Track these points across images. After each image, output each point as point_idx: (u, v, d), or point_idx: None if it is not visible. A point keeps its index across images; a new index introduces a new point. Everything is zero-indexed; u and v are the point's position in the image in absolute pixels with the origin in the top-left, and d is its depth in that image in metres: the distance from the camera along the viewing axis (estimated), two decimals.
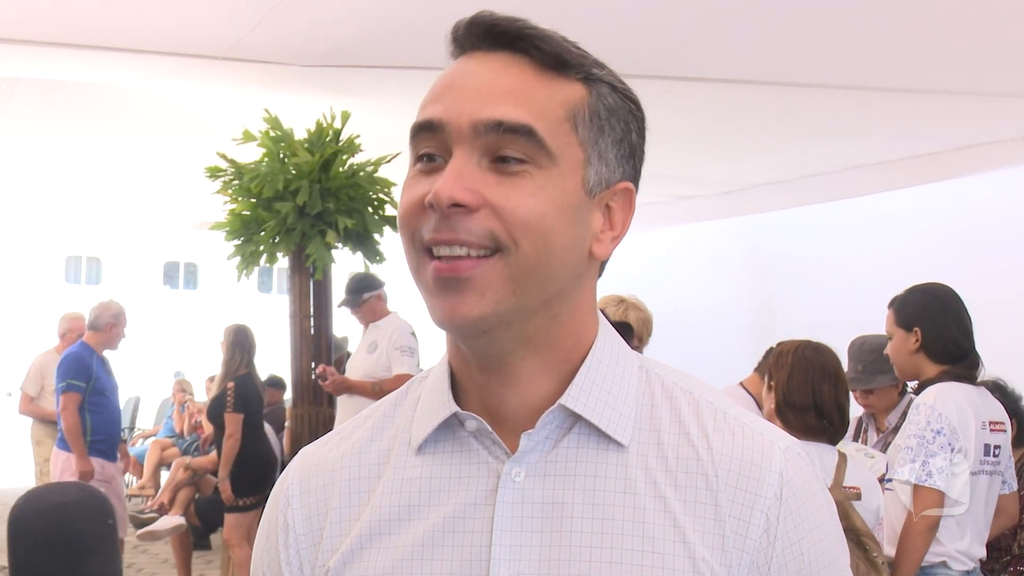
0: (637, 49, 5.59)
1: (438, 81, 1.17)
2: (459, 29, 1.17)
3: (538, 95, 1.13)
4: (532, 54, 1.14)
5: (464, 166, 1.11)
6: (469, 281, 1.10)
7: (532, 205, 1.10)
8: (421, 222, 1.12)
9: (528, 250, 1.10)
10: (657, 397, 1.21)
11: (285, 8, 5.41)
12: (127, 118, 8.35)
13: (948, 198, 8.75)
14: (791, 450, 1.19)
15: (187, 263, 21.26)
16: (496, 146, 1.11)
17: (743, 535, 1.13)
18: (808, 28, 5.63)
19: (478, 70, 1.15)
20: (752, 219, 11.04)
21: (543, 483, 1.15)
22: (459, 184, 1.09)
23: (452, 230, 1.10)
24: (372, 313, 7.27)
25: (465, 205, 1.09)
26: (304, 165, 7.16)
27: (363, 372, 7.13)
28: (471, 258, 1.10)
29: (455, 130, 1.11)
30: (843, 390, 3.76)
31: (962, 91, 6.76)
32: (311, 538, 1.24)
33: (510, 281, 1.11)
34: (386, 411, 1.29)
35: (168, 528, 8.43)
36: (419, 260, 1.14)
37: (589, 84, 1.16)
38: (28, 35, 6.04)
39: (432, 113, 1.13)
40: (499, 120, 1.10)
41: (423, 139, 1.14)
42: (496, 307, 1.11)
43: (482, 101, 1.12)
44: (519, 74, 1.14)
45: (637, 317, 4.40)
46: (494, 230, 1.10)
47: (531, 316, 1.14)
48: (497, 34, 1.15)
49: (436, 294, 1.12)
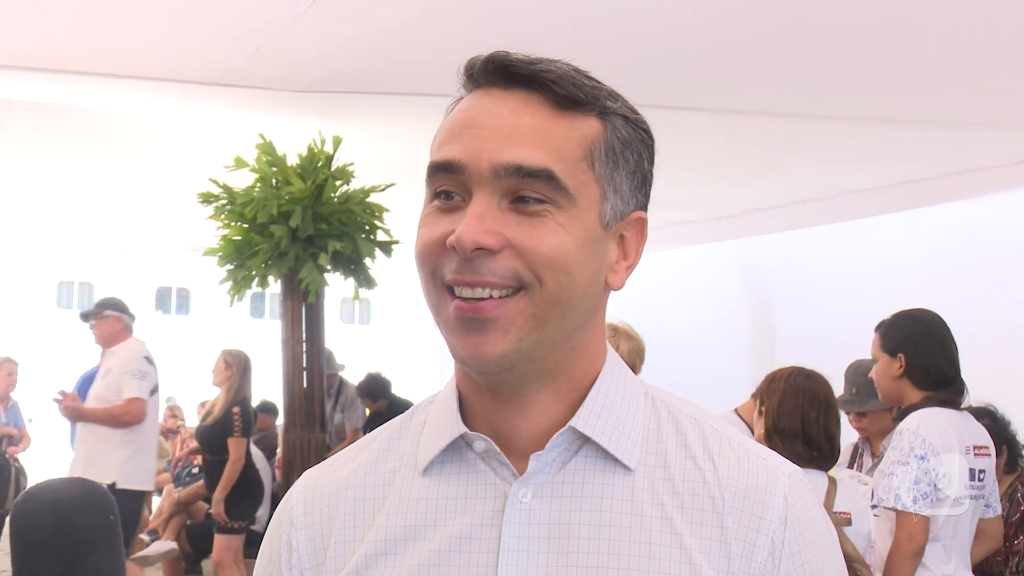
0: (637, 80, 5.63)
1: (455, 117, 1.18)
2: (474, 66, 1.18)
3: (555, 135, 1.14)
4: (548, 93, 1.15)
5: (486, 208, 1.11)
6: (493, 321, 1.11)
7: (554, 243, 1.12)
8: (442, 261, 1.13)
9: (551, 286, 1.12)
10: (663, 422, 1.22)
11: (282, 38, 5.43)
12: (121, 143, 8.36)
13: (943, 222, 8.78)
14: (794, 476, 1.20)
15: (179, 288, 21.23)
16: (516, 188, 1.12)
17: (748, 558, 1.14)
18: (804, 60, 5.66)
19: (495, 109, 1.15)
20: (748, 244, 11.06)
21: (550, 504, 1.16)
22: (481, 227, 1.10)
23: (475, 272, 1.11)
24: (109, 337, 7.35)
25: (488, 248, 1.10)
26: (297, 192, 7.17)
27: (96, 398, 7.22)
28: (494, 299, 1.11)
29: (475, 173, 1.12)
30: (833, 418, 3.75)
31: (955, 122, 6.80)
32: (315, 559, 1.24)
33: (533, 318, 1.12)
34: (391, 434, 1.29)
35: (160, 553, 8.40)
36: (439, 297, 1.14)
37: (604, 118, 1.18)
38: (23, 60, 6.05)
39: (451, 154, 1.14)
40: (519, 164, 1.11)
41: (441, 178, 1.15)
42: (519, 344, 1.12)
43: (501, 143, 1.12)
44: (536, 113, 1.14)
45: (629, 347, 4.38)
46: (517, 269, 1.11)
47: (552, 350, 1.16)
48: (512, 73, 1.16)
49: (459, 332, 1.13)
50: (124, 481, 7.01)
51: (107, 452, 7.07)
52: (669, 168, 6.16)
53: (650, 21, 5.14)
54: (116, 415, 7.05)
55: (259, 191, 7.28)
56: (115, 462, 7.05)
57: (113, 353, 7.33)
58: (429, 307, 1.17)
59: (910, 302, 4.24)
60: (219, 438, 7.70)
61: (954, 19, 4.99)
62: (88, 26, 5.55)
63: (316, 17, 5.11)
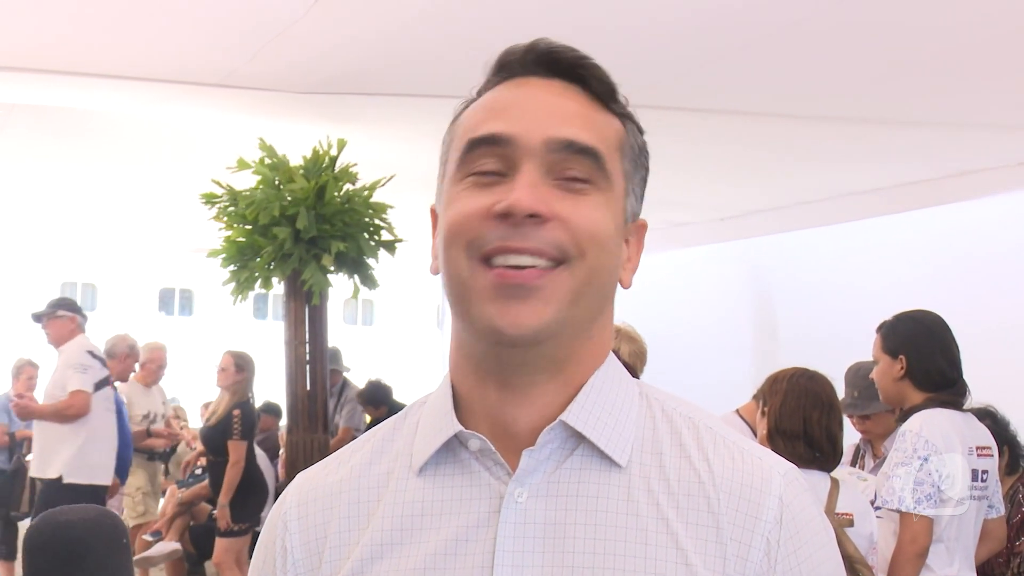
0: (640, 80, 5.62)
1: (491, 102, 1.20)
2: (514, 54, 1.20)
3: (597, 121, 1.18)
4: (587, 85, 1.19)
5: (537, 180, 1.13)
6: (537, 290, 1.12)
7: (597, 218, 1.15)
8: (483, 231, 1.13)
9: (592, 261, 1.14)
10: (658, 421, 1.22)
11: (284, 39, 5.43)
12: (123, 145, 8.36)
13: (944, 223, 8.77)
14: (789, 475, 1.20)
15: (182, 289, 21.26)
16: (562, 164, 1.15)
17: (744, 558, 1.14)
18: (806, 61, 5.66)
19: (538, 93, 1.18)
20: (750, 245, 11.05)
21: (545, 504, 1.16)
22: (535, 195, 1.12)
23: (525, 238, 1.12)
24: (60, 337, 7.44)
25: (541, 215, 1.12)
26: (299, 192, 7.17)
27: (45, 395, 7.38)
28: (538, 268, 1.12)
29: (524, 145, 1.14)
30: (836, 420, 3.74)
31: (957, 122, 6.80)
32: (309, 563, 1.23)
33: (571, 292, 1.14)
34: (385, 435, 1.29)
35: (164, 554, 8.41)
36: (473, 271, 1.14)
37: (624, 122, 1.22)
38: (25, 63, 6.05)
39: (498, 128, 1.16)
40: (571, 140, 1.15)
41: (482, 152, 1.16)
42: (557, 315, 1.13)
43: (552, 119, 1.15)
44: (580, 100, 1.18)
45: (630, 349, 4.38)
46: (563, 241, 1.13)
47: (578, 331, 1.18)
48: (553, 62, 1.19)
49: (497, 301, 1.13)
50: (70, 475, 7.06)
51: (54, 447, 7.12)
52: (671, 169, 6.18)
53: (652, 20, 5.14)
54: (60, 409, 7.10)
55: (261, 192, 7.28)
56: (61, 457, 7.09)
57: (62, 351, 7.38)
58: (454, 286, 1.17)
59: (912, 303, 4.24)
60: (220, 439, 7.71)
61: (956, 20, 4.98)
62: (89, 28, 5.55)
63: (318, 18, 5.11)
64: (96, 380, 7.26)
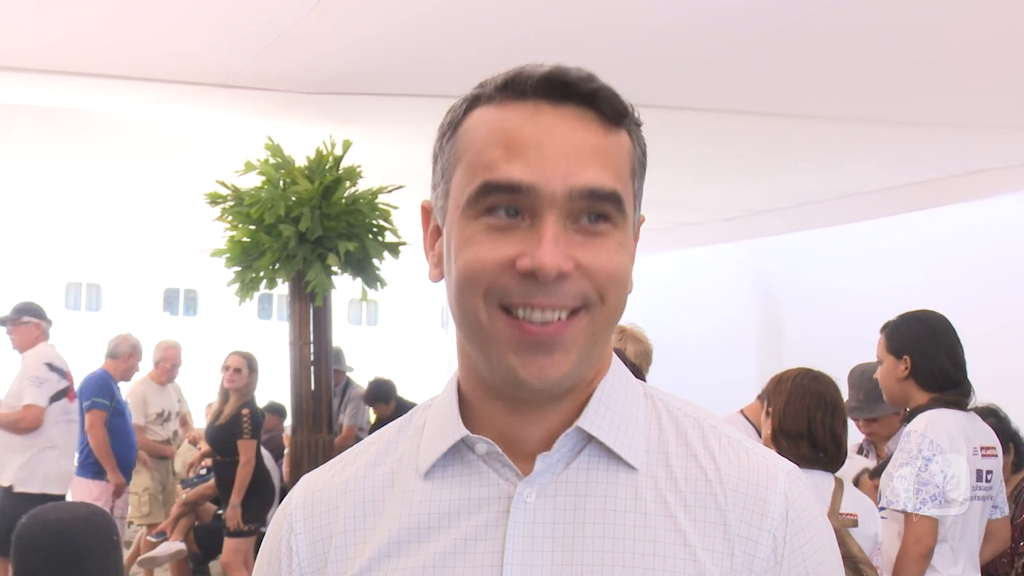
0: (645, 80, 5.62)
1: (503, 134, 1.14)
2: (526, 80, 1.15)
3: (613, 155, 1.15)
4: (600, 109, 1.15)
5: (560, 232, 1.11)
6: (560, 343, 1.12)
7: (618, 261, 1.14)
8: (505, 283, 1.12)
9: (611, 303, 1.15)
10: (664, 421, 1.23)
11: (287, 38, 5.43)
12: (128, 145, 8.37)
13: (951, 224, 8.76)
14: (793, 473, 1.22)
15: (187, 289, 21.29)
16: (582, 210, 1.12)
17: (751, 554, 1.15)
18: (808, 61, 5.65)
19: (554, 128, 1.13)
20: (755, 245, 11.05)
21: (554, 504, 1.16)
22: (560, 253, 1.10)
23: (549, 296, 1.11)
24: (25, 343, 7.43)
25: (567, 274, 1.11)
26: (304, 192, 7.18)
27: (4, 404, 7.35)
28: (559, 322, 1.12)
29: (546, 195, 1.11)
30: (840, 420, 3.74)
31: (962, 123, 6.79)
32: (315, 564, 1.24)
33: (591, 336, 1.15)
34: (390, 438, 1.29)
35: (168, 554, 8.42)
36: (492, 317, 1.13)
37: (631, 131, 1.19)
38: (29, 63, 6.06)
39: (517, 175, 1.11)
40: (593, 188, 1.12)
41: (499, 199, 1.13)
42: (578, 362, 1.14)
43: (572, 165, 1.12)
44: (594, 132, 1.14)
45: (636, 350, 4.39)
46: (585, 291, 1.13)
47: (595, 363, 1.19)
48: (567, 88, 1.15)
49: (518, 353, 1.12)
50: (21, 484, 7.10)
51: (6, 455, 7.16)
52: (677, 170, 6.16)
53: (655, 19, 5.14)
54: (13, 421, 7.17)
55: (266, 191, 7.29)
56: (12, 465, 7.13)
57: (23, 358, 7.41)
58: (468, 325, 1.16)
59: (917, 303, 4.23)
60: (229, 439, 7.70)
61: (960, 20, 4.98)
62: (92, 28, 5.55)
63: (321, 18, 5.11)
64: (52, 393, 7.27)
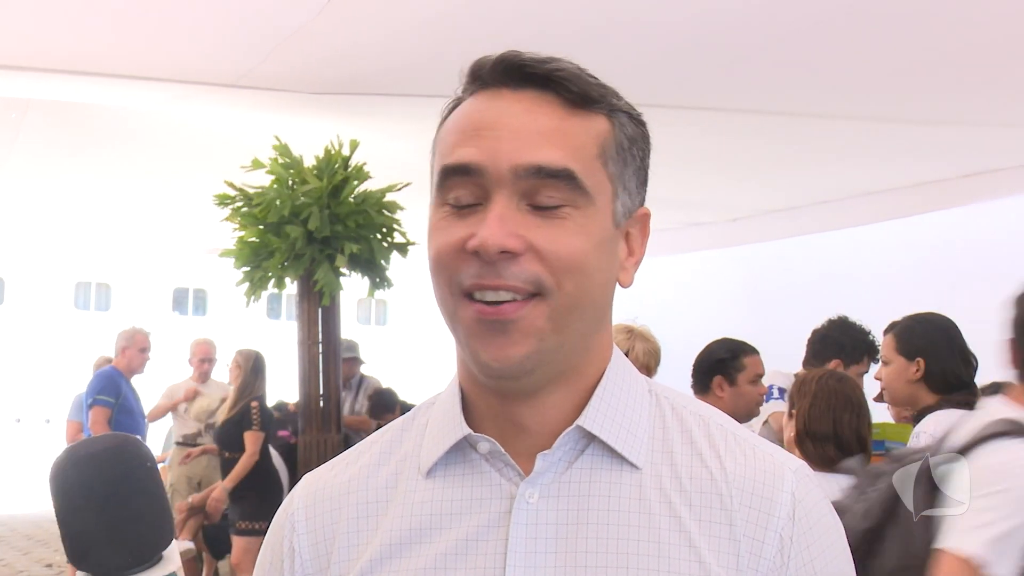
0: (652, 79, 5.62)
1: (463, 120, 1.16)
2: (483, 67, 1.16)
3: (572, 134, 1.13)
4: (561, 91, 1.14)
5: (506, 210, 1.10)
6: (515, 323, 1.11)
7: (576, 246, 1.11)
8: (459, 266, 1.12)
9: (570, 290, 1.11)
10: (668, 419, 1.22)
11: (295, 39, 5.45)
12: (138, 145, 8.39)
13: (957, 224, 8.74)
14: (800, 471, 1.20)
15: (196, 289, 21.28)
16: (535, 189, 1.11)
17: (757, 555, 1.13)
18: (817, 61, 5.65)
19: (509, 110, 1.13)
20: (764, 246, 11.02)
21: (557, 504, 1.15)
22: (504, 230, 1.09)
23: (498, 276, 1.10)
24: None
25: (512, 251, 1.09)
26: (313, 191, 7.18)
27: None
28: (515, 302, 1.10)
29: (494, 174, 1.11)
30: (865, 422, 3.70)
31: (970, 121, 6.78)
32: (318, 564, 1.23)
33: (551, 320, 1.11)
34: (392, 437, 1.28)
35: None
36: (456, 304, 1.13)
37: (611, 116, 1.17)
38: (39, 62, 6.08)
39: (467, 156, 1.12)
40: (539, 165, 1.10)
41: (456, 183, 1.13)
42: (540, 345, 1.12)
43: (520, 144, 1.11)
44: (552, 113, 1.13)
45: (645, 349, 4.37)
46: (538, 274, 1.10)
47: (571, 353, 1.16)
48: (526, 74, 1.14)
49: (480, 336, 1.12)
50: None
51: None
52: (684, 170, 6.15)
53: (665, 19, 5.14)
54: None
55: (275, 191, 7.29)
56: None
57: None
58: (444, 315, 1.16)
59: (922, 304, 4.22)
60: (236, 434, 7.61)
61: (971, 19, 4.97)
62: (103, 28, 5.57)
63: (331, 19, 5.12)
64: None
